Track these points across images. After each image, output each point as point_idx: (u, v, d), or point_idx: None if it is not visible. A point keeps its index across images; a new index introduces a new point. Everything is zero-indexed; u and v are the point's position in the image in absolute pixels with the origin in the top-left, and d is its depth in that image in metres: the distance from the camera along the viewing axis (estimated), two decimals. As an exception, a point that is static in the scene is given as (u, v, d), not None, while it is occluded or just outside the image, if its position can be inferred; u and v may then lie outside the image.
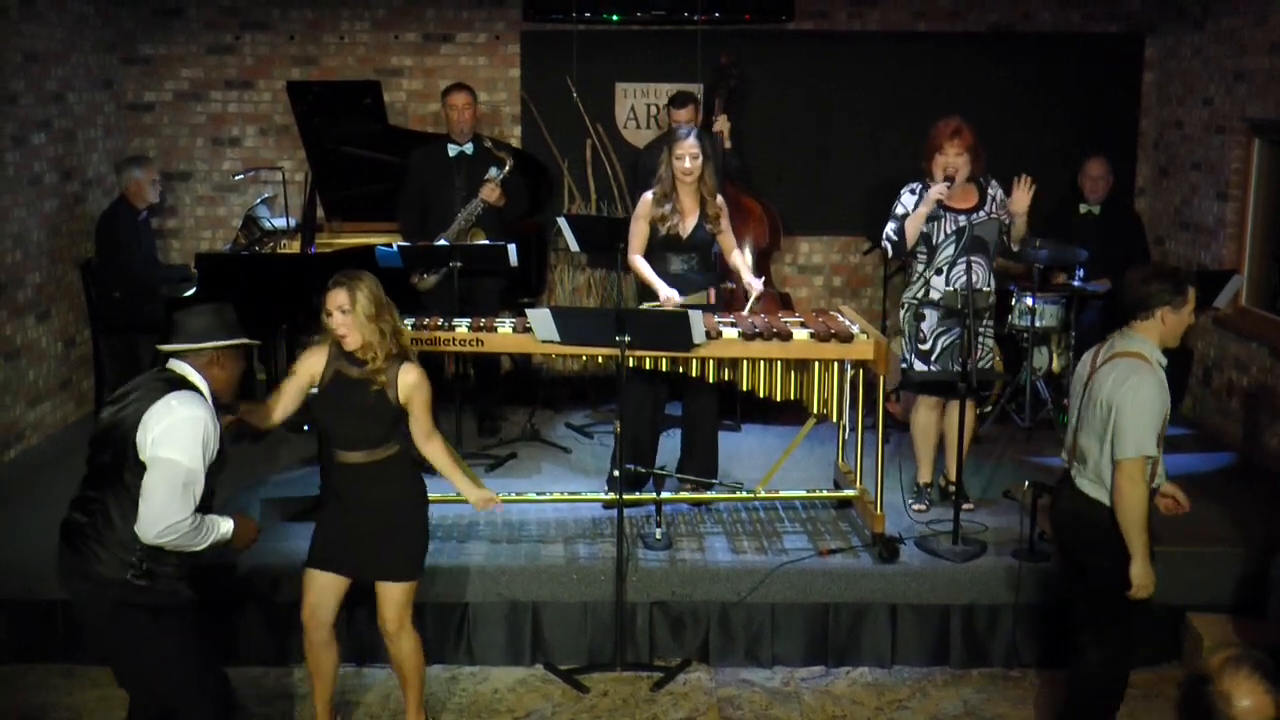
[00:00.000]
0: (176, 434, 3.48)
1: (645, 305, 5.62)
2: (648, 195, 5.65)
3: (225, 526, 3.71)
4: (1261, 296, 6.84)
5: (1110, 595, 4.02)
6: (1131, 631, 4.11)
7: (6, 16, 6.38)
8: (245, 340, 3.79)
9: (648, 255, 5.68)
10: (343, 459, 4.11)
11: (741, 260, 5.83)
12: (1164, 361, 3.99)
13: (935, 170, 5.37)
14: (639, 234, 5.66)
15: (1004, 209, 5.45)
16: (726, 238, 5.75)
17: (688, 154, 5.50)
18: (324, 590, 4.17)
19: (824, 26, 7.93)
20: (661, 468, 5.55)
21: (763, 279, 5.98)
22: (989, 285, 5.45)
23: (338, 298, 3.97)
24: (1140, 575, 3.92)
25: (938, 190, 5.31)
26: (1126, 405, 3.86)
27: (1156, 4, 7.83)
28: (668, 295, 5.52)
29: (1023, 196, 5.39)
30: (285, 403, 4.17)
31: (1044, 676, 4.99)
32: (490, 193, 6.35)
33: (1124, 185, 7.78)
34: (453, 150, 6.51)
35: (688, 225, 5.61)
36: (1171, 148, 7.73)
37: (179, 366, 3.68)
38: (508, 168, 6.39)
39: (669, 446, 5.98)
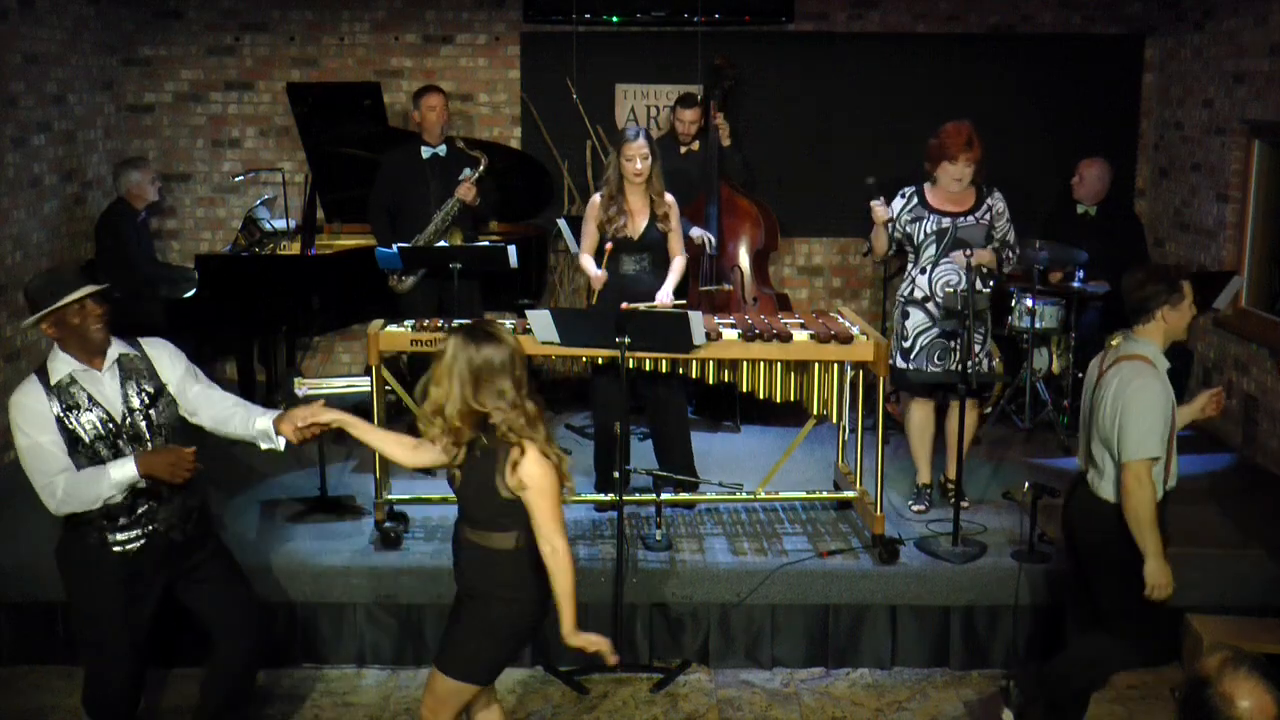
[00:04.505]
0: (11, 420, 3.73)
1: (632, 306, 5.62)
2: (596, 197, 5.63)
3: (117, 473, 3.72)
4: (1261, 298, 6.84)
5: (1119, 596, 4.06)
6: (1134, 634, 4.14)
7: (6, 18, 6.38)
8: (60, 303, 3.60)
9: (601, 257, 5.64)
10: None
11: (676, 267, 5.67)
12: (1167, 365, 4.07)
13: (940, 175, 5.38)
14: (588, 234, 5.65)
15: (1000, 219, 5.45)
16: (674, 238, 5.67)
17: (637, 155, 5.45)
18: (425, 687, 3.70)
19: (824, 28, 7.93)
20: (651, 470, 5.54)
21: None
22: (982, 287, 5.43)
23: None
24: (1155, 574, 3.96)
25: (881, 213, 5.43)
26: (1130, 408, 3.92)
27: (1156, 6, 7.83)
28: (597, 274, 5.55)
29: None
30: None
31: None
32: (466, 192, 6.34)
33: (1124, 187, 7.78)
34: (426, 152, 6.47)
35: (638, 226, 5.57)
36: (1171, 149, 7.73)
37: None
38: (482, 166, 6.38)
39: (641, 449, 5.97)
